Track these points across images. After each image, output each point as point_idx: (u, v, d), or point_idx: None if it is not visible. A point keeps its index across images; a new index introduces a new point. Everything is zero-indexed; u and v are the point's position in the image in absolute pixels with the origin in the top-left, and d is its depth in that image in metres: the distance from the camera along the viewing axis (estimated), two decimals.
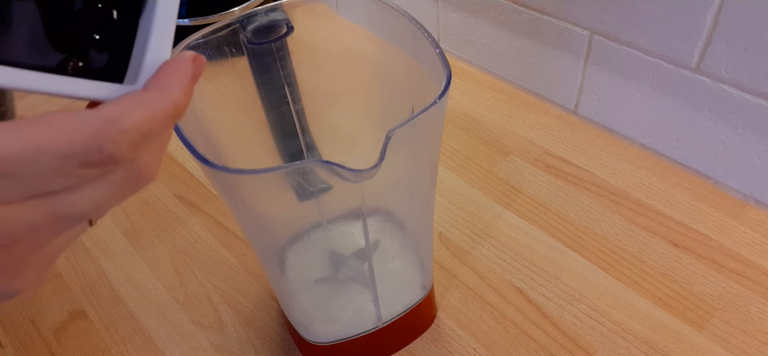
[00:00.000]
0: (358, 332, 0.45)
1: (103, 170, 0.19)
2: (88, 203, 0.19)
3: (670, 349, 0.46)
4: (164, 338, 0.51)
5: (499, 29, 0.71)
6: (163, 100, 0.20)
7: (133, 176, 0.20)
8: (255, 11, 0.40)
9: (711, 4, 0.50)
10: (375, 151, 0.30)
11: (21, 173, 0.17)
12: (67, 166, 0.17)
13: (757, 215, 0.56)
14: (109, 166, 0.18)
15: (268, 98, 0.47)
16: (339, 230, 0.49)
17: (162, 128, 0.20)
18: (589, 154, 0.64)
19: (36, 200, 0.18)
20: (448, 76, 0.33)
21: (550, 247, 0.55)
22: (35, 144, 0.17)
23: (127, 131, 0.18)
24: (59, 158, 0.17)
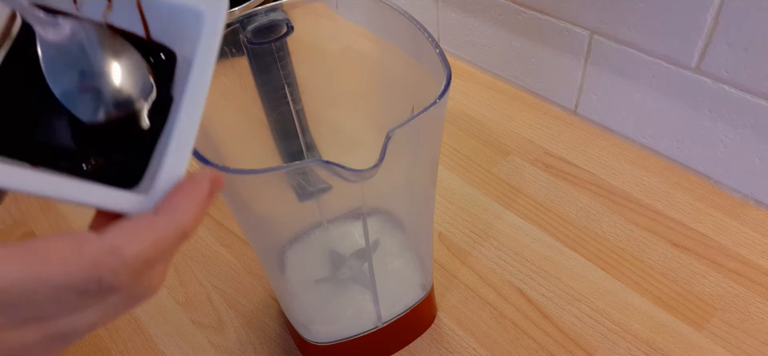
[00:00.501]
0: (358, 332, 0.45)
1: (102, 297, 0.18)
2: (83, 324, 0.19)
3: (670, 349, 0.46)
4: (164, 338, 0.51)
5: (499, 29, 0.71)
6: (171, 226, 0.19)
7: (133, 297, 0.20)
8: (255, 11, 0.40)
9: (711, 4, 0.50)
10: (375, 151, 0.30)
11: (18, 302, 0.17)
12: (65, 295, 0.17)
13: (757, 215, 0.56)
14: (108, 295, 0.18)
15: (268, 98, 0.47)
16: (339, 230, 0.49)
17: (167, 253, 0.19)
18: (589, 154, 0.64)
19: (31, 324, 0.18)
20: (448, 76, 0.33)
21: (550, 247, 0.55)
22: (34, 275, 0.16)
23: (128, 261, 0.18)
24: (57, 289, 0.17)
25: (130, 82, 0.23)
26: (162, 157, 0.22)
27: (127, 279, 0.18)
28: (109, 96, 0.22)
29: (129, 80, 0.23)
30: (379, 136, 0.30)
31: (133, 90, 0.23)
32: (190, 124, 0.22)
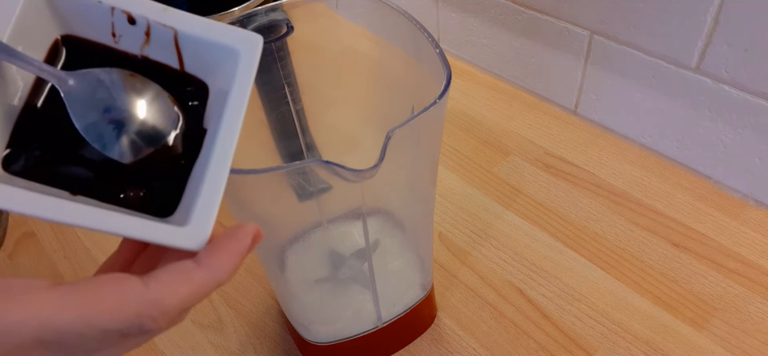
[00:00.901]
0: (358, 332, 0.45)
1: (139, 338, 0.20)
2: (121, 352, 0.21)
3: (670, 349, 0.46)
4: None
5: (499, 29, 0.71)
6: (209, 279, 0.21)
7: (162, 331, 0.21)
8: (255, 11, 0.40)
9: (711, 4, 0.50)
10: (375, 151, 0.30)
11: (67, 342, 0.18)
12: (109, 336, 0.19)
13: (757, 215, 0.56)
14: (145, 336, 0.20)
15: (268, 97, 0.47)
16: (339, 230, 0.49)
17: (202, 299, 0.21)
18: (589, 154, 0.64)
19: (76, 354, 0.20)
20: (448, 76, 0.33)
21: (550, 247, 0.55)
22: (83, 320, 0.18)
23: (168, 311, 0.20)
24: (103, 332, 0.19)
25: (157, 117, 0.24)
26: (198, 187, 0.23)
27: (165, 326, 0.20)
28: (137, 134, 0.23)
29: (156, 116, 0.24)
30: (379, 136, 0.30)
31: (161, 124, 0.24)
32: (225, 155, 0.23)
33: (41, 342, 0.18)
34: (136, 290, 0.19)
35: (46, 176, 0.22)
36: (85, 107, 0.22)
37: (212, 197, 0.23)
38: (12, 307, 0.18)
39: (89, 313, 0.18)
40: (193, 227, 0.22)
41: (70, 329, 0.18)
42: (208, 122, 0.25)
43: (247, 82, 0.24)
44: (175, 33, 0.24)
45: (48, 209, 0.20)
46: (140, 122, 0.23)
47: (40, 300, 0.18)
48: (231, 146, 0.23)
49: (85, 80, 0.23)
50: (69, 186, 0.22)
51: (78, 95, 0.22)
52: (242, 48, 0.24)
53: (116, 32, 0.24)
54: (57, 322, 0.18)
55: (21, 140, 0.23)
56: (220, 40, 0.24)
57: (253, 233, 0.22)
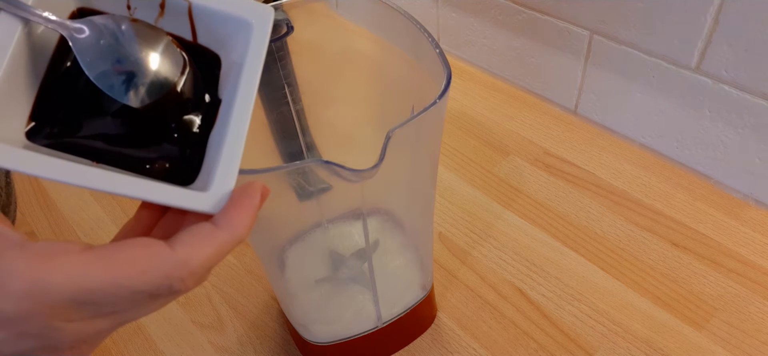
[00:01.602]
0: (358, 332, 0.45)
1: (168, 298, 0.21)
2: (143, 314, 0.22)
3: (670, 349, 0.46)
4: (164, 338, 0.51)
5: (499, 29, 0.71)
6: (230, 237, 0.22)
7: (189, 290, 0.22)
8: None
9: (711, 4, 0.50)
10: (375, 151, 0.30)
11: (99, 301, 0.19)
12: (138, 297, 0.20)
13: (757, 215, 0.56)
14: (173, 296, 0.21)
15: (268, 98, 0.47)
16: (339, 230, 0.49)
17: (224, 257, 0.22)
18: (589, 154, 0.64)
19: (106, 316, 0.20)
20: (448, 76, 0.33)
21: (550, 247, 0.55)
22: (115, 281, 0.19)
23: (195, 272, 0.21)
24: (133, 293, 0.20)
25: (166, 60, 0.24)
26: (217, 154, 0.24)
27: (192, 286, 0.21)
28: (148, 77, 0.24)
29: (165, 59, 0.24)
30: (379, 136, 0.30)
31: (171, 66, 0.24)
32: (242, 124, 0.24)
33: (75, 302, 0.19)
34: (165, 253, 0.20)
35: (69, 147, 0.23)
36: (96, 57, 0.23)
37: (231, 162, 0.23)
38: (48, 269, 0.18)
39: (120, 275, 0.19)
40: (213, 191, 0.23)
41: (102, 290, 0.19)
42: (222, 93, 0.26)
43: (260, 53, 0.25)
44: (190, 5, 0.25)
45: (73, 174, 0.21)
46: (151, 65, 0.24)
47: (74, 262, 0.19)
48: (247, 114, 0.24)
49: (94, 30, 0.23)
50: (93, 157, 0.23)
51: (88, 45, 0.23)
52: (255, 20, 0.25)
53: (131, 4, 0.25)
54: (90, 283, 0.19)
55: (43, 113, 0.23)
56: (233, 12, 0.25)
57: (260, 189, 0.23)
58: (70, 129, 0.23)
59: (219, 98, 0.26)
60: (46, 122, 0.23)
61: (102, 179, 0.21)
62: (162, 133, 0.24)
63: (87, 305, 0.19)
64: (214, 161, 0.24)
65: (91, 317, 0.20)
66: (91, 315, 0.20)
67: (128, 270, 0.20)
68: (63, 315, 0.19)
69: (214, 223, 0.22)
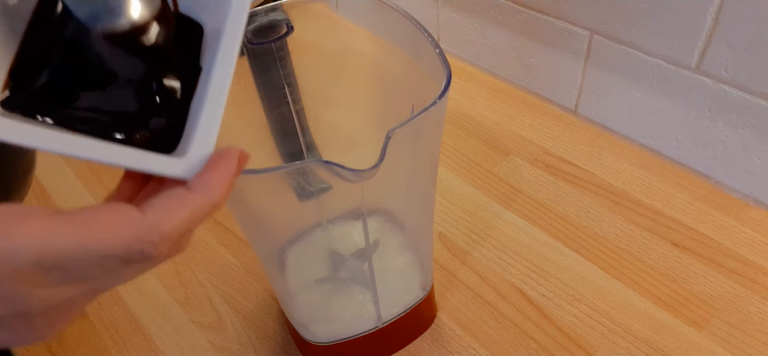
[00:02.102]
0: (358, 332, 0.45)
1: (141, 263, 0.21)
2: (118, 282, 0.21)
3: (670, 349, 0.46)
4: (164, 338, 0.51)
5: (499, 29, 0.71)
6: (205, 201, 0.21)
7: (163, 259, 0.22)
8: (255, 11, 0.40)
9: (711, 4, 0.50)
10: (375, 151, 0.30)
11: (67, 266, 0.19)
12: (109, 262, 0.20)
13: (757, 215, 0.56)
14: (146, 261, 0.21)
15: (268, 98, 0.47)
16: (339, 230, 0.49)
17: (199, 224, 0.21)
18: (589, 154, 0.64)
19: (77, 282, 0.20)
20: (448, 76, 0.33)
21: (550, 247, 0.55)
22: (82, 244, 0.19)
23: (167, 236, 0.20)
24: (102, 257, 0.19)
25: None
26: (195, 121, 0.23)
27: (165, 251, 0.21)
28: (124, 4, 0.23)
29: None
30: (379, 136, 0.30)
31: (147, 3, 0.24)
32: (220, 89, 0.23)
33: (41, 267, 0.18)
34: (134, 216, 0.20)
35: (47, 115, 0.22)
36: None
37: (209, 128, 0.23)
38: (12, 231, 0.18)
39: (87, 238, 0.19)
40: (189, 157, 0.22)
41: (68, 253, 0.18)
42: (203, 61, 0.25)
43: (240, 19, 0.24)
44: None
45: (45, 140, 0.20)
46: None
47: (40, 225, 0.18)
48: (226, 80, 0.24)
49: None
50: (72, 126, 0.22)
51: None
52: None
53: None
54: (56, 246, 0.18)
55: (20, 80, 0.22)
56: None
57: (238, 154, 0.23)
58: (47, 97, 0.23)
59: (200, 67, 0.25)
60: (23, 89, 0.22)
61: (76, 146, 0.21)
62: (143, 100, 0.24)
63: (54, 269, 0.19)
64: (193, 127, 0.23)
65: (59, 283, 0.19)
66: (60, 280, 0.19)
67: (96, 232, 0.19)
68: (29, 280, 0.18)
69: (188, 187, 0.21)
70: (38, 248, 0.18)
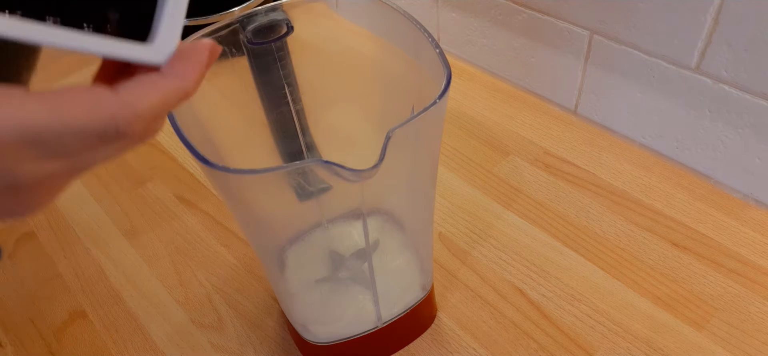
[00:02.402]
0: (358, 332, 0.45)
1: (117, 141, 0.22)
2: (98, 159, 0.23)
3: (670, 349, 0.46)
4: (164, 338, 0.51)
5: (499, 29, 0.71)
6: (176, 87, 0.23)
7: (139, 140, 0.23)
8: (255, 11, 0.40)
9: (711, 4, 0.50)
10: (375, 151, 0.30)
11: (48, 141, 0.20)
12: (87, 138, 0.21)
13: (757, 215, 0.56)
14: (121, 139, 0.22)
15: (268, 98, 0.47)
16: (339, 230, 0.49)
17: (170, 109, 0.23)
18: (589, 154, 0.64)
19: (58, 157, 0.21)
20: (448, 76, 0.33)
21: (550, 247, 0.55)
22: (62, 120, 0.20)
23: (140, 115, 0.22)
24: (80, 132, 0.20)
25: None
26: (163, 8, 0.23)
27: (138, 129, 0.22)
28: None
29: None
30: (379, 136, 0.30)
31: None
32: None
33: (23, 141, 0.19)
34: (108, 95, 0.21)
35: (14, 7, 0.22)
36: None
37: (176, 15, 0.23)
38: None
39: (65, 114, 0.20)
40: (158, 43, 0.23)
41: (48, 128, 0.20)
42: None
43: None
44: None
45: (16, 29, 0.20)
46: None
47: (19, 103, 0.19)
48: None
49: None
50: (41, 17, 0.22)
51: None
52: None
53: None
54: (37, 122, 0.19)
55: None
56: None
57: (209, 46, 0.24)
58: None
59: None
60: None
61: (50, 35, 0.21)
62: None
63: (35, 144, 0.20)
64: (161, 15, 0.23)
65: (43, 157, 0.21)
66: (43, 155, 0.20)
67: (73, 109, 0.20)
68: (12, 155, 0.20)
69: (161, 73, 0.23)
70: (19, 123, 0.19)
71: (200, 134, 0.37)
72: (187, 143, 0.31)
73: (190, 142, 0.31)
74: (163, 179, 0.67)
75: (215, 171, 0.30)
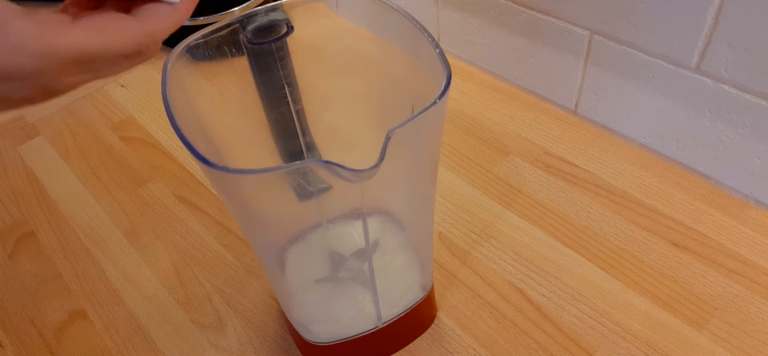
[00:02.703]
0: (358, 332, 0.45)
1: (137, 59, 0.28)
2: (116, 72, 0.28)
3: (670, 349, 0.46)
4: (164, 338, 0.51)
5: (499, 29, 0.71)
6: (181, 20, 0.29)
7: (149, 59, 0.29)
8: (255, 11, 0.40)
9: (711, 4, 0.50)
10: (375, 151, 0.30)
11: (93, 61, 0.25)
12: (117, 58, 0.26)
13: (757, 215, 0.56)
14: (139, 59, 0.28)
15: (268, 98, 0.47)
16: (339, 230, 0.49)
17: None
18: (589, 154, 0.64)
19: (91, 72, 0.26)
20: (448, 76, 0.33)
21: (550, 247, 0.55)
22: (107, 47, 0.25)
23: (158, 42, 0.28)
24: (116, 55, 0.26)
25: None
26: None
27: (155, 50, 0.28)
28: None
29: None
30: (379, 136, 0.30)
31: None
32: None
33: (76, 62, 0.24)
34: (135, 24, 0.27)
35: None
36: None
37: None
38: (57, 34, 0.24)
39: (110, 43, 0.25)
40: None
41: (97, 53, 0.25)
42: None
43: None
44: None
45: None
46: None
47: (76, 31, 0.24)
48: None
49: None
50: None
51: None
52: None
53: None
54: (90, 48, 0.25)
55: None
56: None
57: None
58: None
59: None
60: None
61: None
62: None
63: (84, 64, 0.25)
64: None
65: (82, 72, 0.25)
66: (83, 71, 0.25)
67: (115, 38, 0.26)
68: (65, 72, 0.24)
69: (174, 7, 0.28)
70: (76, 48, 0.24)
71: (200, 134, 0.37)
72: (187, 143, 0.31)
73: (190, 142, 0.31)
74: (163, 179, 0.67)
75: (215, 171, 0.30)
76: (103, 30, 0.25)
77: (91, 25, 0.25)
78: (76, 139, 0.74)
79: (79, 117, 0.78)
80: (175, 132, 0.32)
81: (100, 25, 0.25)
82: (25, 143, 0.75)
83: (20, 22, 0.23)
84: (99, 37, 0.25)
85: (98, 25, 0.25)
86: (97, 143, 0.73)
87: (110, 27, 0.25)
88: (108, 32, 0.25)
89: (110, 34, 0.25)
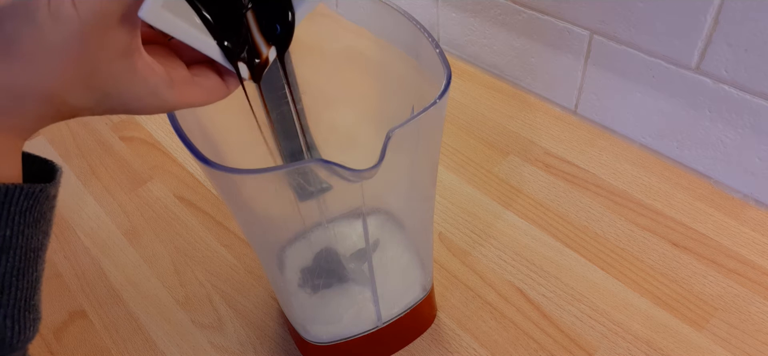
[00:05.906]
0: (358, 332, 0.45)
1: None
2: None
3: (670, 349, 0.46)
4: (164, 338, 0.51)
5: (499, 29, 0.71)
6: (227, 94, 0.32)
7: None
8: None
9: (711, 4, 0.50)
10: (375, 151, 0.30)
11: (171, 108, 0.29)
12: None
13: (757, 215, 0.56)
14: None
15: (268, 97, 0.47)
16: (339, 230, 0.49)
17: None
18: (589, 154, 0.64)
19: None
20: (448, 76, 0.33)
21: (550, 247, 0.55)
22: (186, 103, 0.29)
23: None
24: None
25: None
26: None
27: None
28: None
29: None
30: (379, 136, 0.30)
31: None
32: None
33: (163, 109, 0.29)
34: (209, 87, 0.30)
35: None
36: None
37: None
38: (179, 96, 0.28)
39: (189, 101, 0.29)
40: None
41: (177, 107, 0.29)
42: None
43: None
44: None
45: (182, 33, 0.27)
46: None
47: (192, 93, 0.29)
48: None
49: None
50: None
51: None
52: None
53: None
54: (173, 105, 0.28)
55: None
56: None
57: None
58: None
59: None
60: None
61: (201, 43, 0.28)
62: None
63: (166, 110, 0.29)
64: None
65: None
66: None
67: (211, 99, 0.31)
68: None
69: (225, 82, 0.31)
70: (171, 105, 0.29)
71: (200, 134, 0.37)
72: (188, 142, 0.31)
73: (191, 142, 0.31)
74: (163, 179, 0.67)
75: (215, 171, 0.30)
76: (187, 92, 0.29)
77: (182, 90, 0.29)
78: (76, 139, 0.74)
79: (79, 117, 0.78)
80: (175, 132, 0.32)
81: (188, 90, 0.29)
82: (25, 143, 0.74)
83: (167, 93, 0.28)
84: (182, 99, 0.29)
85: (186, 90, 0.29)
86: (97, 142, 0.73)
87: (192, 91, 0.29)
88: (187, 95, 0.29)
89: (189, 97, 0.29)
